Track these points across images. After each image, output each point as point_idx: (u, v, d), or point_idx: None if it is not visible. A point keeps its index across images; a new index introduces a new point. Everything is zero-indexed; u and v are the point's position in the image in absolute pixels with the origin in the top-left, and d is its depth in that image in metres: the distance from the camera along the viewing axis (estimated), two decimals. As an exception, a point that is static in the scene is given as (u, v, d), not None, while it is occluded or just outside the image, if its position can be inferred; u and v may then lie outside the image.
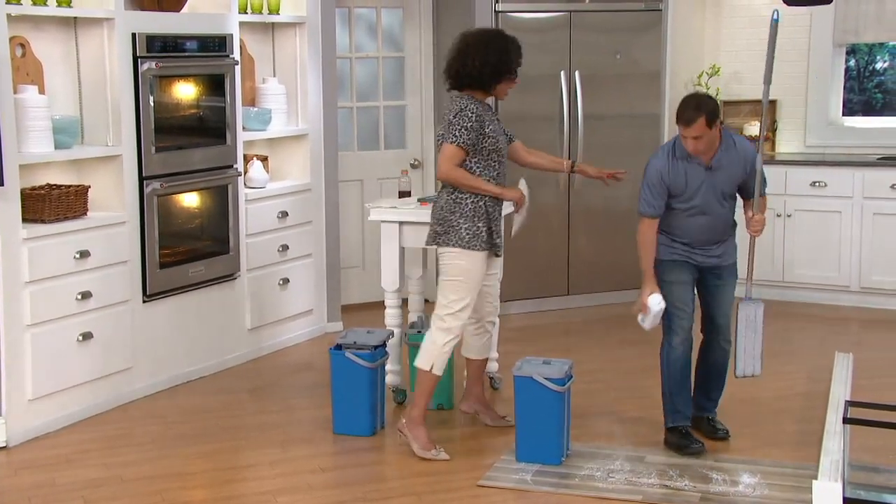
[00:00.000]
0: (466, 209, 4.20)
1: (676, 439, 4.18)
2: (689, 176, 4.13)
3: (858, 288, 6.49)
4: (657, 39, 6.73)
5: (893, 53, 7.17)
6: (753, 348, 4.19)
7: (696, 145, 4.04)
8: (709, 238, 4.22)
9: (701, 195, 4.14)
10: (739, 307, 4.18)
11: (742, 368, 4.22)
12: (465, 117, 4.12)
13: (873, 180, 6.39)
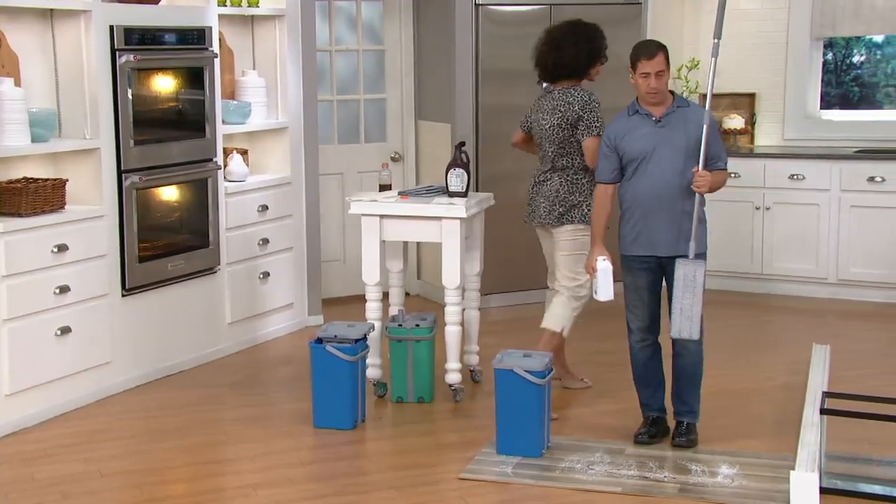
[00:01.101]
0: (584, 188, 4.66)
1: (638, 427, 4.22)
2: (638, 130, 4.06)
3: (836, 280, 6.53)
4: (637, 33, 6.73)
5: (870, 47, 7.22)
6: (691, 310, 3.95)
7: (657, 83, 4.01)
8: (665, 206, 4.03)
9: (654, 157, 4.02)
10: (677, 265, 3.96)
11: (677, 330, 4.01)
12: (595, 107, 4.63)
13: (851, 173, 6.44)
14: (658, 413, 4.26)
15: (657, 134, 4.07)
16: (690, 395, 4.20)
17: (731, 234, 6.76)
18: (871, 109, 7.09)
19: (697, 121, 4.04)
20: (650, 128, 4.08)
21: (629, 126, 4.13)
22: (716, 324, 6.09)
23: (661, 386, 4.29)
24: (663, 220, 4.06)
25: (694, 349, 4.16)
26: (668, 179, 4.04)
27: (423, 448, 4.21)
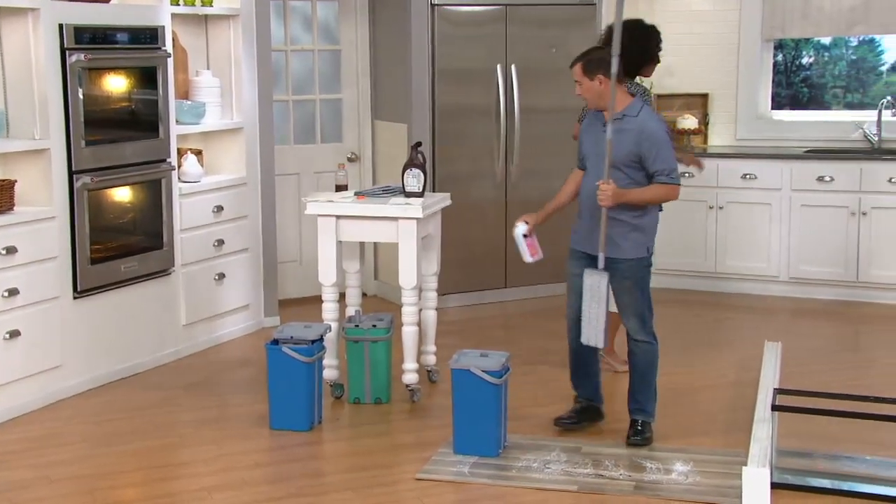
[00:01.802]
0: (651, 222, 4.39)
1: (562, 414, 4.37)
2: (589, 128, 4.25)
3: (787, 278, 6.63)
4: (592, 34, 6.78)
5: (818, 49, 7.34)
6: (597, 320, 4.06)
7: (580, 91, 4.18)
8: (593, 213, 4.12)
9: (595, 157, 4.13)
10: (585, 275, 4.09)
11: (585, 337, 4.13)
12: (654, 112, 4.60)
13: (801, 173, 6.54)
14: (586, 402, 4.37)
15: (599, 137, 4.15)
16: (642, 393, 4.24)
17: (685, 233, 6.84)
18: (819, 110, 7.21)
19: (642, 132, 4.07)
20: (599, 130, 4.17)
21: (591, 122, 4.27)
22: (670, 322, 6.17)
23: (592, 376, 4.36)
24: (598, 221, 4.13)
25: (644, 348, 4.22)
26: (594, 185, 4.12)
27: (380, 449, 4.20)
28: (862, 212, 6.37)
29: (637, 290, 4.17)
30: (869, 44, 7.19)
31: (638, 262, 4.16)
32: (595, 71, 4.09)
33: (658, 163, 4.07)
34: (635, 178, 4.10)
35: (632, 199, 4.07)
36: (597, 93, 4.11)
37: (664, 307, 6.51)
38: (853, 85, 7.27)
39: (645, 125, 4.09)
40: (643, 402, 4.24)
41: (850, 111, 7.08)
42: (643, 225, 4.16)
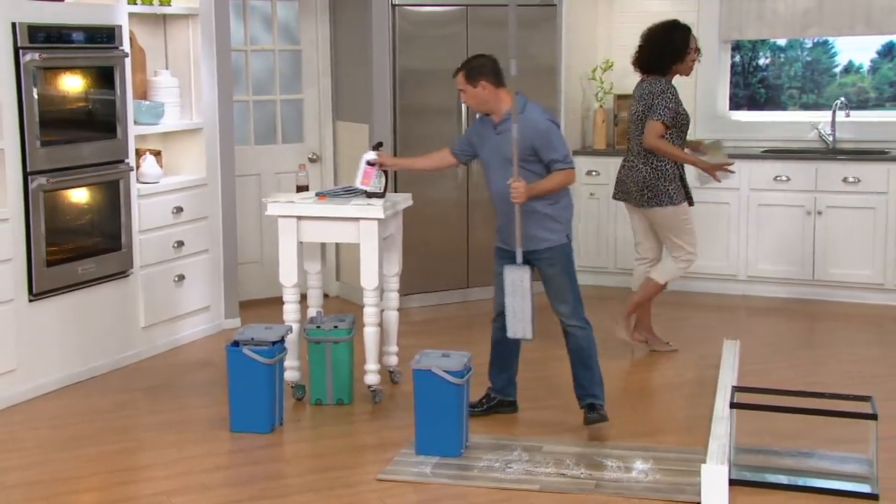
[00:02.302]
0: (668, 174, 5.20)
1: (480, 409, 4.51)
2: (482, 134, 4.39)
3: (746, 277, 6.71)
4: (552, 34, 6.83)
5: (774, 50, 7.43)
6: (523, 312, 4.20)
7: (465, 98, 4.38)
8: (505, 207, 4.28)
9: (493, 160, 4.32)
10: (506, 271, 4.22)
11: (512, 331, 4.25)
12: (667, 98, 5.13)
13: (758, 172, 6.61)
14: (497, 395, 4.51)
15: (494, 140, 4.32)
16: (586, 379, 4.35)
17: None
18: (776, 110, 7.30)
19: (530, 127, 4.22)
20: (490, 132, 4.37)
21: (481, 128, 4.43)
22: (631, 321, 6.21)
23: (507, 369, 4.52)
24: (511, 220, 4.29)
25: (579, 333, 4.36)
26: (501, 185, 4.28)
27: (342, 450, 4.19)
28: (818, 211, 6.45)
29: (564, 277, 4.34)
30: (823, 46, 7.30)
31: (560, 249, 4.34)
32: (477, 78, 4.28)
33: (552, 152, 4.26)
34: (536, 171, 4.27)
35: (540, 190, 4.26)
36: (481, 99, 4.32)
37: (624, 306, 6.56)
38: (808, 86, 7.38)
39: (530, 120, 4.24)
40: (589, 387, 4.35)
41: (806, 112, 7.17)
42: (556, 213, 4.34)
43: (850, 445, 3.96)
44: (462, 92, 4.37)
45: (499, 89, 4.29)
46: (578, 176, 7.04)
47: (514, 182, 4.18)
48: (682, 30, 5.29)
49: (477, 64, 4.32)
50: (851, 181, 6.36)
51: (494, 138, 4.33)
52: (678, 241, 5.30)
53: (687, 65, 5.26)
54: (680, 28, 5.30)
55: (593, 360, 4.36)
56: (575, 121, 7.16)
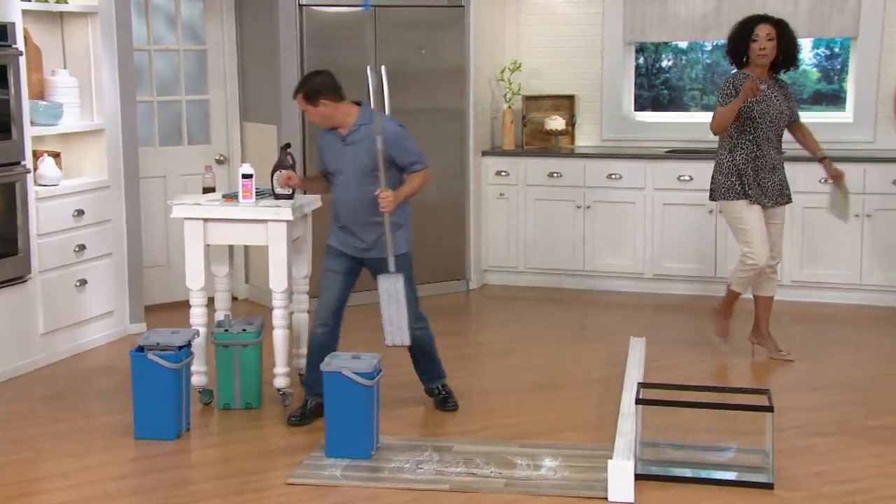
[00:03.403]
0: (723, 167, 5.19)
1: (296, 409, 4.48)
2: (329, 146, 4.43)
3: (651, 275, 6.85)
4: (461, 35, 6.86)
5: (676, 52, 7.61)
6: (399, 319, 4.31)
7: (309, 118, 4.41)
8: (356, 220, 4.39)
9: (344, 170, 4.37)
10: (379, 281, 4.33)
11: (390, 339, 4.35)
12: (726, 85, 5.16)
13: (663, 172, 6.76)
14: (316, 399, 4.42)
15: (344, 152, 4.38)
16: (431, 363, 4.59)
17: (554, 232, 6.98)
18: (679, 112, 7.47)
19: (384, 136, 4.29)
20: (339, 145, 4.40)
21: (327, 141, 4.46)
22: (539, 320, 6.30)
23: None
24: (357, 229, 4.43)
25: (423, 333, 4.51)
26: (355, 195, 4.38)
27: (251, 454, 4.14)
28: (719, 210, 6.61)
29: (409, 284, 4.44)
30: (722, 48, 7.47)
31: (405, 257, 4.48)
32: (316, 97, 4.34)
33: (407, 156, 4.38)
34: (391, 178, 4.36)
35: (406, 195, 4.40)
36: (325, 116, 4.39)
37: (534, 305, 6.66)
38: (709, 87, 7.57)
39: (383, 129, 4.32)
40: (432, 370, 4.64)
41: (707, 113, 7.30)
42: (403, 221, 4.47)
43: (749, 437, 4.07)
44: (307, 113, 4.41)
45: (340, 104, 4.36)
46: (487, 176, 7.12)
47: (382, 192, 4.28)
48: (738, 24, 5.28)
49: (314, 84, 4.34)
50: (751, 181, 6.55)
51: (346, 150, 4.38)
52: (737, 239, 5.28)
53: (754, 52, 5.13)
54: (742, 23, 5.26)
55: (435, 349, 4.61)
56: (484, 122, 7.21)
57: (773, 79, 5.20)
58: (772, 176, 5.17)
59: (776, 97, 5.13)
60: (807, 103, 7.25)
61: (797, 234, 6.46)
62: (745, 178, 5.13)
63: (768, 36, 5.09)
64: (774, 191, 5.19)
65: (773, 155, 5.18)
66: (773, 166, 5.17)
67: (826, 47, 7.21)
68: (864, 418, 4.42)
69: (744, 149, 5.14)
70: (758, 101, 5.04)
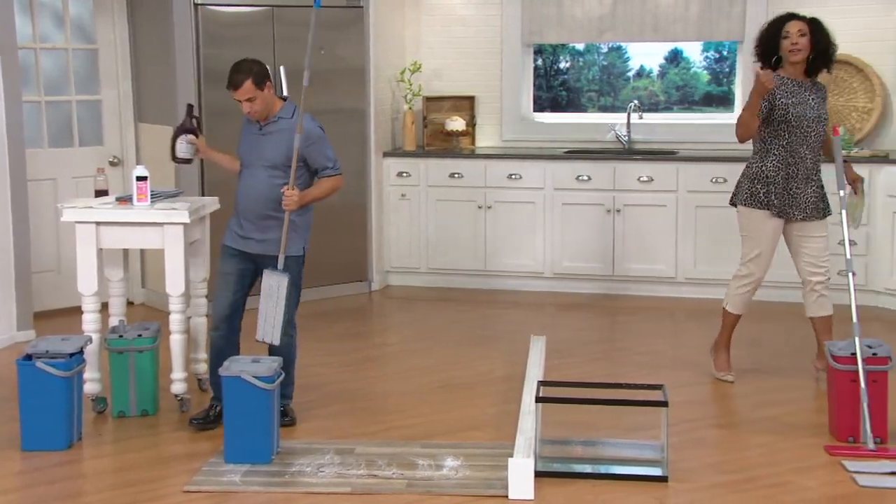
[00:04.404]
0: (750, 172, 4.84)
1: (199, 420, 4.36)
2: (247, 132, 4.38)
3: (552, 274, 6.94)
4: (360, 36, 6.84)
5: (573, 54, 7.74)
6: (274, 318, 4.28)
7: (250, 107, 4.25)
8: (255, 213, 4.31)
9: (254, 159, 4.32)
10: (264, 275, 4.30)
11: (261, 334, 4.31)
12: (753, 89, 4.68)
13: (562, 172, 6.86)
14: (216, 400, 4.35)
15: (259, 142, 4.33)
16: (286, 375, 4.31)
17: (456, 232, 7.01)
18: (577, 112, 7.59)
19: (304, 134, 4.26)
20: (255, 134, 4.36)
21: (247, 129, 4.41)
22: (441, 320, 6.32)
23: None
24: (255, 222, 4.34)
25: (290, 342, 4.41)
26: (260, 187, 4.31)
27: (147, 463, 4.04)
28: (616, 209, 6.76)
29: (294, 287, 4.37)
30: (617, 51, 7.66)
31: (297, 259, 4.40)
32: (264, 81, 4.27)
33: (324, 160, 4.33)
34: (302, 179, 4.32)
35: (313, 198, 4.34)
36: (268, 102, 4.30)
37: (436, 305, 6.68)
38: (605, 89, 7.72)
39: (304, 127, 4.28)
40: (284, 388, 4.33)
41: (604, 114, 7.51)
42: (302, 223, 4.41)
43: (647, 431, 4.16)
44: (249, 101, 4.24)
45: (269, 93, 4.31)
46: (389, 177, 7.11)
47: (288, 190, 4.22)
48: (767, 23, 4.91)
49: (259, 69, 4.26)
50: (645, 180, 6.70)
51: (261, 140, 4.32)
52: (742, 250, 4.91)
53: (785, 50, 4.75)
54: (768, 22, 4.92)
55: (293, 365, 4.46)
56: (385, 122, 7.20)
57: (811, 81, 4.81)
58: (805, 187, 4.74)
59: (813, 99, 4.74)
60: (697, 105, 7.47)
61: (690, 232, 6.64)
62: (772, 188, 4.74)
63: (800, 32, 4.71)
64: (809, 203, 4.75)
65: (809, 164, 4.75)
66: (807, 176, 4.75)
67: (715, 50, 7.43)
68: (751, 410, 4.57)
69: (776, 155, 4.74)
70: (794, 103, 4.69)
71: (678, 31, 7.03)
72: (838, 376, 4.13)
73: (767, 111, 4.71)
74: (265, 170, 4.31)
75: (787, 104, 4.69)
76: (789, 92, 4.72)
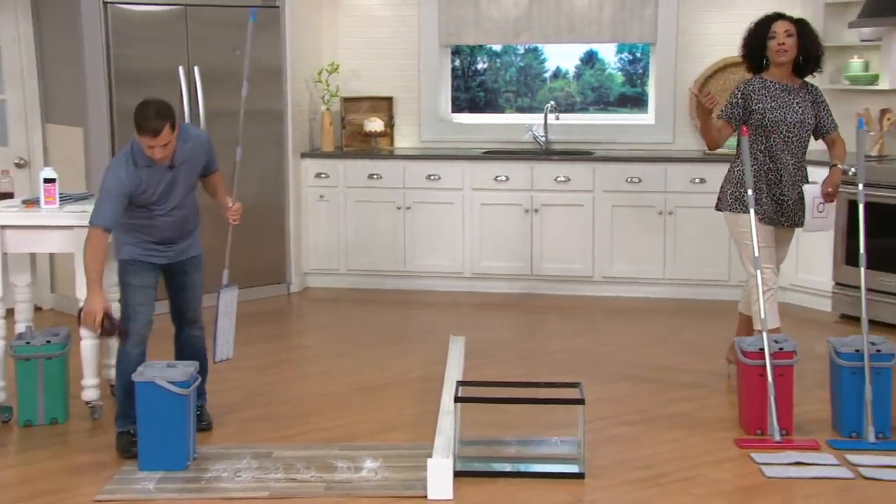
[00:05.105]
0: (732, 176, 4.74)
1: (124, 443, 4.08)
2: (153, 181, 4.08)
3: (471, 274, 6.96)
4: (276, 36, 6.77)
5: (491, 55, 7.78)
6: (229, 334, 4.28)
7: (163, 153, 3.98)
8: (181, 233, 4.26)
9: (173, 195, 4.14)
10: (220, 295, 4.29)
11: (220, 354, 4.30)
12: (731, 95, 4.71)
13: (480, 173, 6.89)
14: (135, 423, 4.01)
15: (173, 180, 4.13)
16: (202, 372, 4.28)
17: (375, 233, 6.99)
18: (495, 113, 7.64)
19: (200, 149, 4.21)
20: (166, 174, 4.10)
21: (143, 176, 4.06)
22: (360, 321, 6.29)
23: None
24: (178, 240, 4.26)
25: (201, 341, 4.39)
26: (181, 214, 4.22)
27: (55, 473, 3.93)
28: (534, 209, 6.82)
29: (203, 285, 4.40)
30: (534, 52, 7.73)
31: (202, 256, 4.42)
32: (176, 122, 4.03)
33: (214, 157, 4.33)
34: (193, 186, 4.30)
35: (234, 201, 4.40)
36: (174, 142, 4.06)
37: (355, 307, 6.65)
38: (523, 90, 7.78)
39: (195, 137, 4.24)
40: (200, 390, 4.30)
41: (522, 114, 7.57)
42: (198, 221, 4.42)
43: (565, 429, 4.20)
44: (164, 146, 3.96)
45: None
46: (307, 178, 7.05)
47: (235, 206, 4.29)
48: (753, 24, 4.76)
49: (171, 109, 3.99)
50: (562, 180, 6.77)
51: (172, 177, 4.10)
52: (740, 257, 4.80)
53: (772, 50, 4.62)
54: (754, 22, 4.76)
55: (207, 360, 4.43)
56: (302, 123, 7.14)
57: (799, 84, 4.69)
58: (791, 192, 4.64)
59: (798, 103, 4.62)
60: (613, 106, 7.58)
61: (606, 231, 6.73)
62: (757, 193, 4.62)
63: (787, 32, 4.59)
64: (797, 209, 4.65)
65: (793, 169, 4.64)
66: (792, 182, 4.64)
67: (629, 52, 7.56)
68: (663, 406, 4.65)
69: (755, 160, 4.63)
70: (772, 107, 4.58)
71: (592, 33, 7.13)
72: (747, 371, 4.24)
73: (746, 116, 4.63)
74: (183, 197, 4.18)
75: (764, 109, 4.60)
76: (770, 96, 4.61)
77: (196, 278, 4.34)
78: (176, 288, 4.32)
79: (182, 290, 4.32)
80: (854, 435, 4.18)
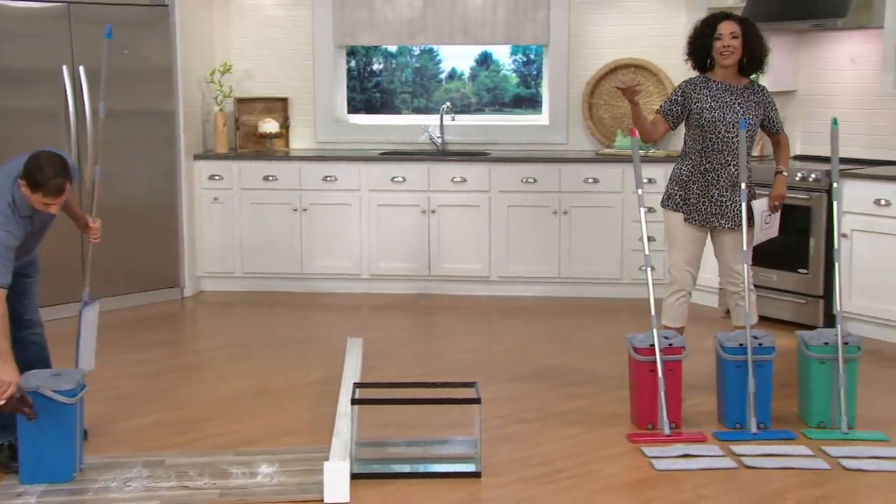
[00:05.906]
0: (672, 174, 4.73)
1: (3, 458, 3.96)
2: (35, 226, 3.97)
3: (368, 275, 6.95)
4: (166, 35, 6.63)
5: (387, 56, 7.78)
6: (91, 346, 4.25)
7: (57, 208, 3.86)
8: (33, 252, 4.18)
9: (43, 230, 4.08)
10: (83, 310, 4.22)
11: (86, 365, 4.22)
12: (672, 91, 4.74)
13: (376, 174, 6.88)
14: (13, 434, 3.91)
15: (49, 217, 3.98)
16: None
17: (271, 235, 6.91)
18: (391, 114, 7.64)
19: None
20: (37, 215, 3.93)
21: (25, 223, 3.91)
22: (257, 325, 6.21)
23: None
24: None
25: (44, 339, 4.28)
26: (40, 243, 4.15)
27: (-67, 490, 3.77)
28: (431, 210, 6.84)
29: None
30: (429, 53, 7.76)
31: None
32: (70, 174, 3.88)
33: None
34: None
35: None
36: None
37: (252, 310, 6.56)
38: (419, 91, 7.80)
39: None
40: None
41: (418, 115, 7.58)
42: None
43: (462, 428, 4.22)
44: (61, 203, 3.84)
45: None
46: (200, 180, 6.93)
47: (96, 224, 4.26)
48: (699, 22, 4.70)
49: (66, 163, 3.83)
50: (458, 181, 6.81)
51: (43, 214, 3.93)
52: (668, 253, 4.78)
53: (717, 51, 4.57)
54: (700, 21, 4.71)
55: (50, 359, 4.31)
56: (195, 124, 7.01)
57: (744, 84, 4.62)
58: (731, 194, 4.56)
59: (740, 104, 4.55)
60: (508, 106, 7.66)
61: (503, 231, 6.80)
62: (688, 193, 4.61)
63: (732, 34, 4.52)
64: (737, 211, 4.56)
65: (733, 170, 4.56)
66: (732, 183, 4.56)
67: (523, 53, 7.65)
68: (558, 403, 4.72)
69: (691, 160, 4.62)
70: (711, 107, 4.54)
71: (486, 35, 7.19)
72: (639, 367, 4.33)
73: (685, 115, 4.62)
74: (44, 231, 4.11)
75: (703, 108, 4.55)
76: (710, 96, 4.56)
77: (35, 279, 4.22)
78: (19, 292, 4.05)
79: (24, 294, 4.11)
80: (738, 426, 4.32)
